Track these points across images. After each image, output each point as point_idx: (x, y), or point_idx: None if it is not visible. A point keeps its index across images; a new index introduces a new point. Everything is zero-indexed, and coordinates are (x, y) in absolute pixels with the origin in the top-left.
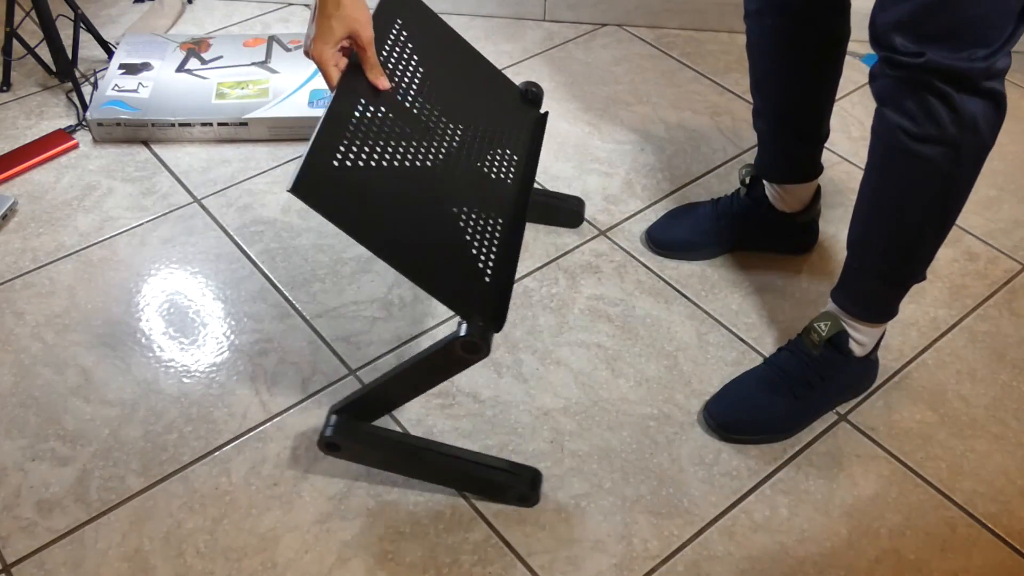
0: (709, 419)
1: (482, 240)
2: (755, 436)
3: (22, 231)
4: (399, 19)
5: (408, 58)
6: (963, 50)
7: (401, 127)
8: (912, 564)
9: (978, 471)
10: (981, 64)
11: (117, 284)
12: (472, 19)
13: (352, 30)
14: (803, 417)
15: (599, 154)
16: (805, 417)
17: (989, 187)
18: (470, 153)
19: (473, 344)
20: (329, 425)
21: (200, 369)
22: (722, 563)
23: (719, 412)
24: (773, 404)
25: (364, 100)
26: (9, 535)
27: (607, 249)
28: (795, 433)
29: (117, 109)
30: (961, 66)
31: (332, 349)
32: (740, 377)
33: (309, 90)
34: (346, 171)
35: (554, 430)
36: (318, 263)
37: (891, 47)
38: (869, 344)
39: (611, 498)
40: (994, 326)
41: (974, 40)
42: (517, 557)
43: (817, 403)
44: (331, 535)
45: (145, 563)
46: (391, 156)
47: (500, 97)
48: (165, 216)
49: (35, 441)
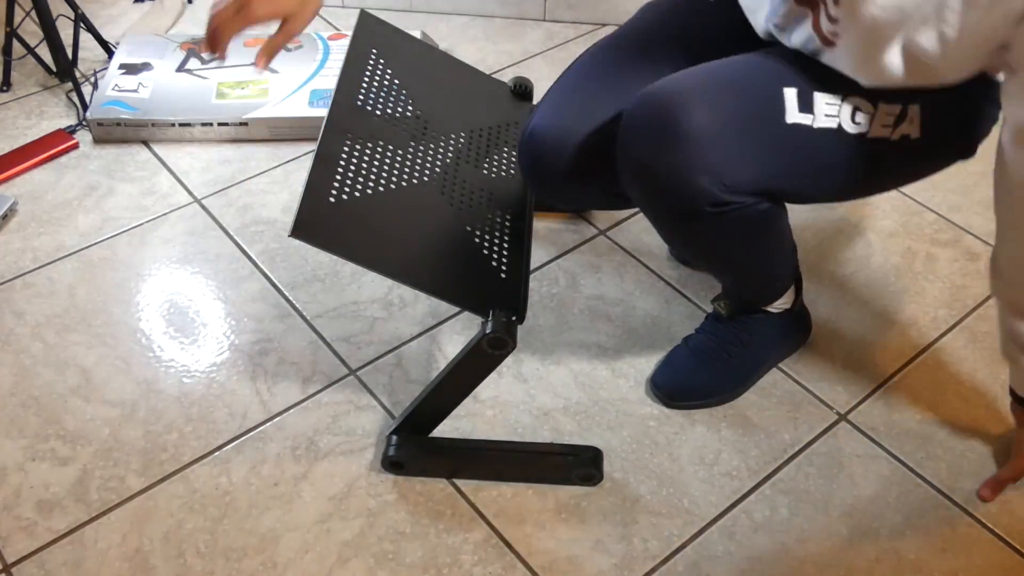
0: (656, 391)
1: (492, 240)
2: (701, 400)
3: (22, 231)
4: (374, 48)
5: (390, 84)
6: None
7: (393, 150)
8: (912, 564)
9: (978, 471)
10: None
11: (117, 284)
12: (472, 19)
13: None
14: (743, 375)
15: None
16: (744, 375)
17: (988, 187)
18: (468, 158)
19: (498, 339)
20: (391, 445)
21: (200, 369)
22: (722, 563)
23: (663, 383)
24: (711, 368)
25: (351, 134)
26: (9, 535)
27: (607, 249)
28: (740, 392)
29: (117, 109)
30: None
31: (332, 349)
32: (677, 348)
33: (309, 90)
34: (343, 204)
35: (554, 430)
36: (318, 263)
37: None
38: (783, 306)
39: (611, 498)
40: (994, 326)
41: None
42: (517, 557)
43: (752, 360)
44: (331, 535)
45: (145, 563)
46: (387, 180)
47: (490, 98)
48: (165, 216)
49: (35, 441)
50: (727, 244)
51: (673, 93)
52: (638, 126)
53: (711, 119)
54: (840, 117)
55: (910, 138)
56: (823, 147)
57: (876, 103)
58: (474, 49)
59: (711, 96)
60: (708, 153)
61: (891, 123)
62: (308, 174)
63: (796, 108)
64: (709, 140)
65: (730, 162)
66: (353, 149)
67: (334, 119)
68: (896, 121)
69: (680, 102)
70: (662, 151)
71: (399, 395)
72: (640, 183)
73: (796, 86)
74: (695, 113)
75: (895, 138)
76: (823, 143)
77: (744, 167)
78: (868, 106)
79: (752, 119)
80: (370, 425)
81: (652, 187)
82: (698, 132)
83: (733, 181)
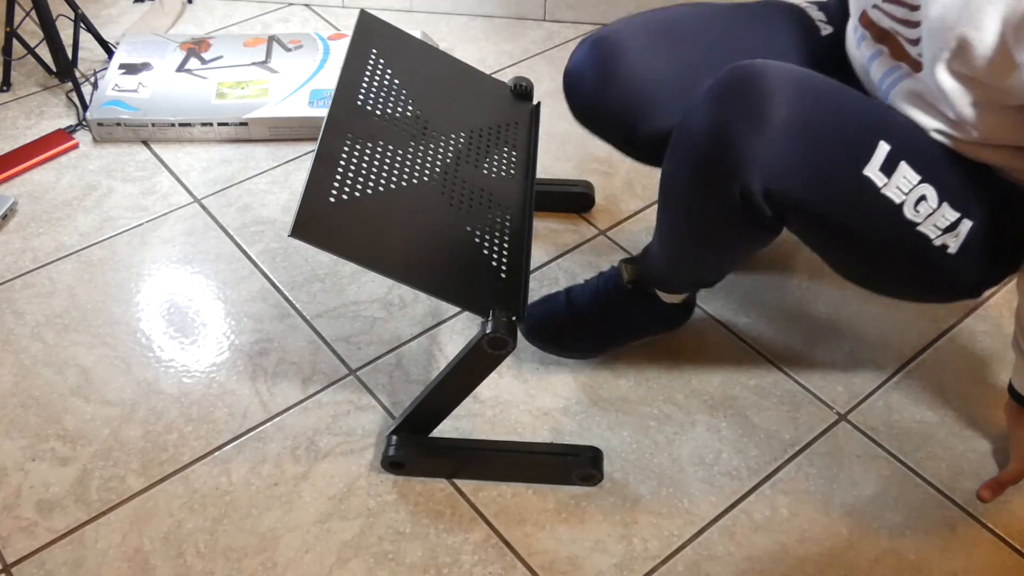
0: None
1: (492, 239)
2: (557, 351)
3: (22, 231)
4: (374, 49)
5: (390, 84)
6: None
7: (393, 150)
8: (912, 564)
9: (978, 471)
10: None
11: (117, 284)
12: (472, 19)
13: None
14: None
15: (599, 154)
16: (605, 338)
17: None
18: (468, 157)
19: (498, 339)
20: (391, 446)
21: (200, 369)
22: (722, 563)
23: (531, 316)
24: (581, 324)
25: (352, 134)
26: (9, 535)
27: (607, 249)
28: (592, 356)
29: (117, 109)
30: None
31: (332, 349)
32: (557, 294)
33: (309, 90)
34: (343, 204)
35: (554, 430)
36: (318, 263)
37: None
38: (673, 300)
39: (611, 498)
40: (994, 326)
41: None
42: (517, 557)
43: (619, 334)
44: (331, 535)
45: (145, 563)
46: (387, 180)
47: (490, 97)
48: (165, 216)
49: (35, 441)
50: (707, 229)
51: (782, 76)
52: (725, 86)
53: (795, 119)
54: (908, 196)
55: (945, 250)
56: (875, 212)
57: (942, 202)
58: (474, 49)
59: (809, 100)
60: (771, 147)
61: (942, 227)
62: (308, 174)
63: (879, 164)
64: (780, 136)
65: (786, 170)
66: (353, 149)
67: (334, 119)
68: (946, 228)
69: (781, 87)
70: (734, 121)
71: (399, 395)
72: (695, 141)
73: (892, 145)
74: (785, 106)
75: (936, 243)
76: (878, 209)
77: (795, 183)
78: (935, 199)
79: (835, 147)
80: (370, 425)
81: (703, 152)
82: (776, 122)
83: (777, 188)
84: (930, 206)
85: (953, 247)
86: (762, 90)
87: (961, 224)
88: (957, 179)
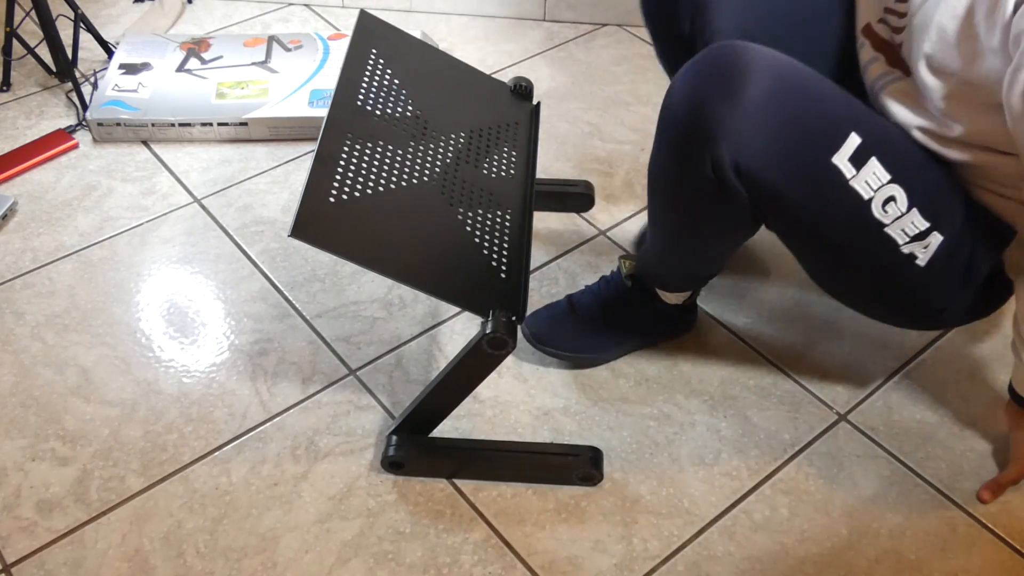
0: (524, 329)
1: (492, 239)
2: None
3: (22, 231)
4: (374, 49)
5: (390, 84)
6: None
7: (393, 150)
8: (912, 564)
9: (978, 471)
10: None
11: (117, 284)
12: (472, 19)
13: None
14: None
15: (599, 154)
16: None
17: None
18: (468, 157)
19: (498, 339)
20: (391, 445)
21: (200, 369)
22: (722, 563)
23: (533, 323)
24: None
25: (352, 134)
26: (9, 535)
27: (607, 249)
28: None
29: (117, 109)
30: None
31: (332, 349)
32: (559, 302)
33: (309, 90)
34: (343, 204)
35: (554, 430)
36: (318, 263)
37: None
38: (675, 301)
39: (611, 498)
40: (994, 326)
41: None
42: (517, 557)
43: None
44: (331, 535)
45: (145, 563)
46: (387, 180)
47: (490, 97)
48: (165, 216)
49: (35, 441)
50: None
51: (762, 57)
52: (706, 61)
53: (769, 98)
54: (876, 193)
55: (914, 260)
56: (840, 204)
57: (912, 207)
58: (474, 49)
59: (786, 83)
60: (742, 121)
61: (911, 234)
62: (308, 174)
63: (849, 155)
64: (752, 111)
65: (757, 147)
66: (353, 149)
67: (334, 119)
68: (915, 236)
69: (760, 66)
70: (710, 93)
71: (399, 395)
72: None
73: (863, 138)
74: (761, 83)
75: (904, 250)
76: (843, 201)
77: (764, 161)
78: (904, 203)
79: (806, 131)
80: (370, 425)
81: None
82: (749, 96)
83: (746, 164)
84: (899, 208)
85: (922, 259)
86: (741, 66)
87: (931, 236)
88: (931, 188)
